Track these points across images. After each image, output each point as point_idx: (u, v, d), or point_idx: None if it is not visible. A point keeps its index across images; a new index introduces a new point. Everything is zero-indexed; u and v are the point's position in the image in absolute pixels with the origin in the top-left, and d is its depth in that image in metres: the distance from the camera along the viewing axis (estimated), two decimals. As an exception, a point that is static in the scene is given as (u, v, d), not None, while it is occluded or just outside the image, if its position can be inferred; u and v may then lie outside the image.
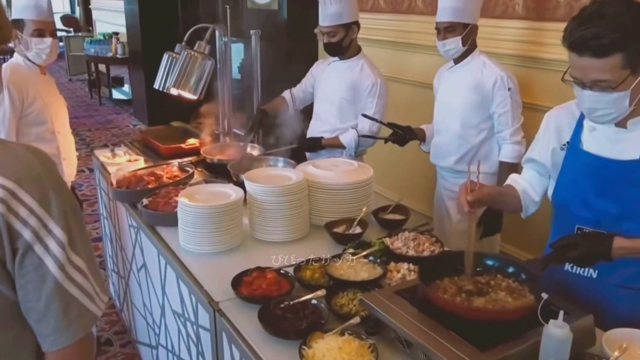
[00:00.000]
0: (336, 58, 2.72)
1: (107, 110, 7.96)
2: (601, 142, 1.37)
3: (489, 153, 2.43)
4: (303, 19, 3.85)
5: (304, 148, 2.69)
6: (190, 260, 1.74)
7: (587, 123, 1.42)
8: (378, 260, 1.57)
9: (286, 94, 2.87)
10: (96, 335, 2.77)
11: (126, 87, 8.86)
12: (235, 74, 3.63)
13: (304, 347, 1.24)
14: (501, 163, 2.38)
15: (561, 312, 1.08)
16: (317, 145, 2.66)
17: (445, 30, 2.32)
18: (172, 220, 1.91)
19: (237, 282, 1.54)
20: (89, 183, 5.01)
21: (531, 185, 1.57)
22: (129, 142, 2.96)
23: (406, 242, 1.65)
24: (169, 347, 2.02)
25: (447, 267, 1.33)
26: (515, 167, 2.22)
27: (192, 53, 2.56)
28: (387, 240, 1.69)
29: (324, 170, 1.97)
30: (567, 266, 1.46)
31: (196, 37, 2.66)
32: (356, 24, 2.65)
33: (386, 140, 2.51)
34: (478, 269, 1.32)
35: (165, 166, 2.42)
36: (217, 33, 2.78)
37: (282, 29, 3.77)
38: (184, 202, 1.77)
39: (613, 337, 1.21)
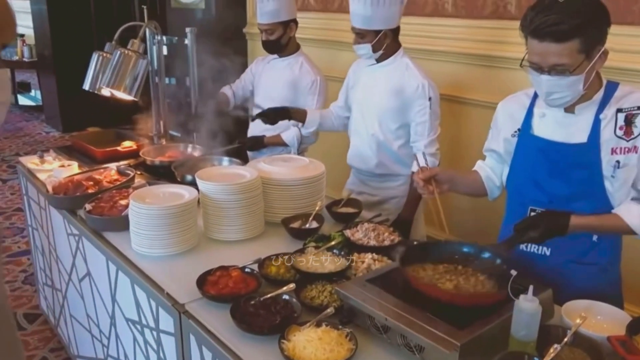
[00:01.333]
0: (275, 56, 2.73)
1: (15, 118, 7.46)
2: (551, 126, 1.47)
3: (410, 155, 2.29)
4: (232, 18, 3.82)
5: (246, 147, 2.67)
6: (146, 264, 1.69)
7: (537, 110, 1.52)
8: (342, 253, 1.59)
9: (226, 89, 2.84)
10: (26, 355, 2.60)
11: (33, 93, 8.36)
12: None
13: (282, 340, 1.24)
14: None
15: (531, 287, 1.15)
16: (259, 143, 2.65)
17: (357, 35, 2.21)
18: (121, 225, 1.84)
19: (201, 282, 1.51)
20: (1, 194, 4.69)
21: (493, 171, 1.70)
22: (56, 148, 2.81)
23: (367, 233, 1.69)
24: (121, 358, 1.94)
25: (421, 255, 1.38)
26: None
27: (126, 52, 2.47)
28: (348, 232, 1.71)
29: (276, 167, 1.96)
30: (522, 246, 1.55)
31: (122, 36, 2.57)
32: (294, 21, 2.67)
33: (254, 118, 2.52)
34: (455, 257, 1.38)
35: (102, 170, 2.32)
36: (147, 32, 2.70)
37: (211, 28, 3.71)
38: (136, 204, 1.71)
39: (571, 309, 1.30)
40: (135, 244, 1.74)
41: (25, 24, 7.22)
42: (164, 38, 2.69)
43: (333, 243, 1.64)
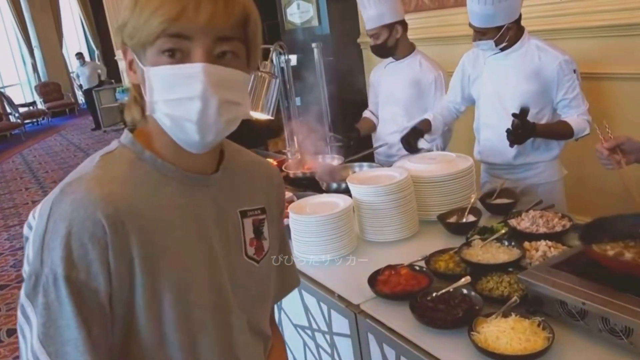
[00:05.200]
0: (391, 60, 2.73)
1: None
2: None
3: (548, 141, 2.24)
4: (347, 31, 3.90)
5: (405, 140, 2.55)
6: (311, 271, 1.74)
7: None
8: (511, 243, 1.54)
9: (367, 113, 2.89)
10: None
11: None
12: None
13: (472, 332, 1.22)
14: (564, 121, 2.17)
15: None
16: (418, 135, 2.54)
17: (477, 32, 2.15)
18: (280, 236, 1.92)
19: (372, 282, 1.53)
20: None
21: None
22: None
23: (534, 220, 1.62)
24: (292, 364, 2.01)
25: (605, 232, 1.30)
26: (571, 135, 2.14)
27: (259, 74, 2.59)
28: (512, 222, 1.66)
29: (424, 164, 1.96)
30: None
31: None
32: (400, 23, 2.65)
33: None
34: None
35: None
36: (274, 53, 2.82)
37: (327, 43, 3.81)
38: (296, 216, 1.78)
39: None
40: (298, 252, 1.80)
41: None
42: (290, 57, 2.79)
43: (500, 233, 1.59)
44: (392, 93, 2.75)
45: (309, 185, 2.38)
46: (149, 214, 0.83)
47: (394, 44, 2.67)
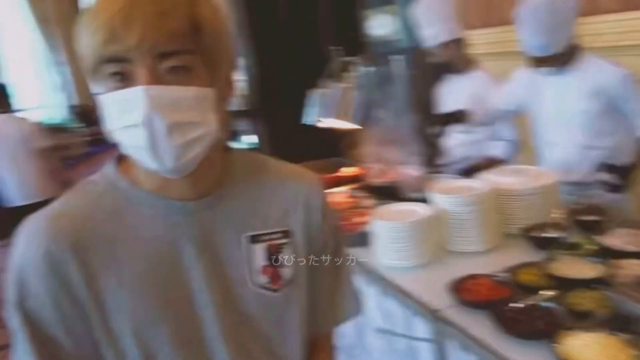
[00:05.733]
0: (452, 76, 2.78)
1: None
2: None
3: (623, 156, 2.16)
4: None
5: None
6: (393, 276, 1.79)
7: None
8: (599, 260, 1.53)
9: None
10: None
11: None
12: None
13: (554, 344, 1.23)
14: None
15: None
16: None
17: (535, 60, 2.15)
18: (360, 241, 1.99)
19: (453, 290, 1.56)
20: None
21: None
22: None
23: (624, 238, 1.61)
24: (369, 367, 2.06)
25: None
26: None
27: (343, 85, 2.69)
28: (600, 239, 1.65)
29: (508, 177, 1.97)
30: None
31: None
32: (460, 40, 2.68)
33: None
34: None
35: (332, 194, 2.53)
36: (357, 65, 2.90)
37: (408, 56, 3.85)
38: (381, 222, 1.85)
39: None
40: (382, 257, 1.87)
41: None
42: (371, 69, 2.87)
43: (586, 249, 1.59)
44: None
45: (389, 194, 2.43)
46: (102, 250, 0.81)
47: (455, 61, 2.71)
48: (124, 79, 0.73)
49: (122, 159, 0.87)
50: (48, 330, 0.80)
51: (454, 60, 2.72)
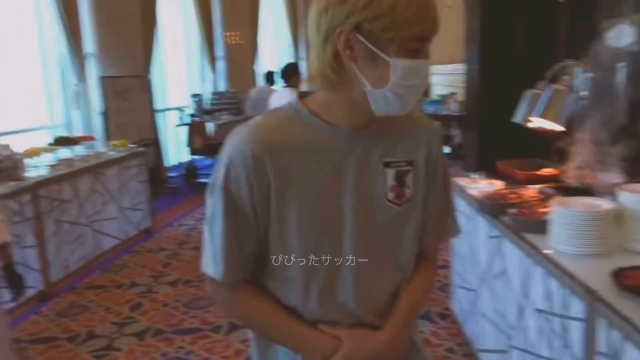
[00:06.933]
0: None
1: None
2: None
3: None
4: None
5: None
6: (562, 260, 1.87)
7: None
8: None
9: None
10: (436, 343, 3.06)
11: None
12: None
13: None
14: None
15: None
16: None
17: None
18: (540, 227, 2.09)
19: (617, 275, 1.61)
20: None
21: None
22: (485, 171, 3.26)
23: None
24: (525, 347, 2.15)
25: None
26: None
27: (556, 87, 2.74)
28: None
29: None
30: None
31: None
32: None
33: None
34: None
35: (524, 189, 2.62)
36: (575, 69, 2.91)
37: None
38: (560, 209, 1.95)
39: None
40: (556, 242, 1.95)
41: (455, 84, 8.34)
42: (590, 74, 2.85)
43: None
44: None
45: (584, 195, 2.44)
46: (288, 153, 1.10)
47: None
48: (415, 54, 1.05)
49: (302, 97, 1.17)
50: (240, 205, 1.12)
51: None
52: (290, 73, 5.69)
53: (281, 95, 5.38)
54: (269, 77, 8.11)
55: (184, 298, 4.05)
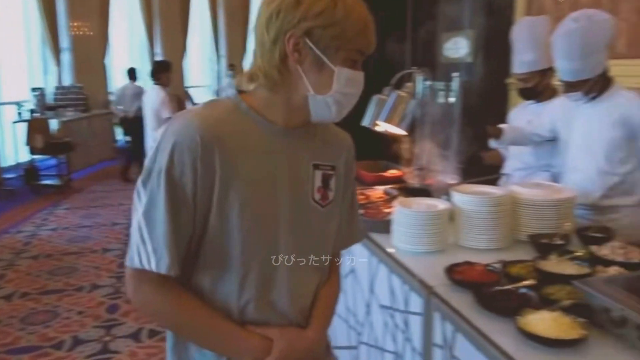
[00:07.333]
0: (532, 102, 2.87)
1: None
2: None
3: (635, 184, 2.33)
4: (495, 69, 4.08)
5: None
6: (403, 258, 1.99)
7: None
8: (586, 263, 1.66)
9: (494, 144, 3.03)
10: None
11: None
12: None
13: (517, 317, 1.39)
14: None
15: None
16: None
17: (567, 85, 2.32)
18: (384, 227, 2.19)
19: (449, 271, 1.74)
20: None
21: None
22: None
23: (614, 250, 1.72)
24: (372, 343, 2.25)
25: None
26: None
27: (400, 93, 2.91)
28: (593, 248, 1.77)
29: (528, 188, 2.12)
30: None
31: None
32: (551, 69, 2.77)
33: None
34: None
35: (371, 190, 2.75)
36: (418, 78, 3.11)
37: (476, 79, 4.03)
38: (402, 209, 2.05)
39: None
40: (398, 241, 2.06)
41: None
42: (434, 83, 3.07)
43: (577, 254, 1.72)
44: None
45: (424, 196, 2.61)
46: (233, 145, 1.12)
47: (542, 89, 2.81)
48: (354, 65, 1.13)
49: (241, 93, 1.19)
50: (181, 192, 1.09)
51: (539, 87, 2.81)
52: (160, 71, 5.77)
53: (156, 94, 5.66)
54: (131, 73, 7.91)
55: (20, 313, 3.69)
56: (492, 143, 2.73)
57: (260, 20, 1.12)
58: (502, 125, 2.73)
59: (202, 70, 14.49)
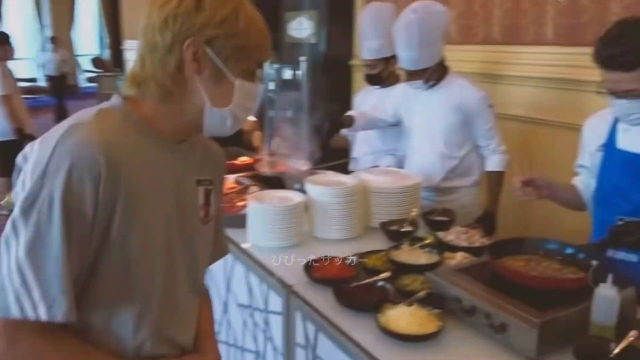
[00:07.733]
0: (377, 87, 2.95)
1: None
2: (635, 140, 1.56)
3: (471, 166, 2.52)
4: (339, 51, 4.14)
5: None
6: (260, 255, 1.93)
7: (620, 125, 1.62)
8: (434, 251, 1.74)
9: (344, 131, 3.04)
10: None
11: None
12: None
13: (377, 314, 1.41)
14: (490, 173, 2.49)
15: (610, 275, 1.25)
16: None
17: (408, 74, 2.45)
18: (239, 222, 2.11)
19: (308, 268, 1.72)
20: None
21: (585, 185, 1.81)
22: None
23: (458, 235, 1.83)
24: (231, 342, 2.18)
25: (508, 249, 1.52)
26: (502, 175, 2.45)
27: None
28: (440, 234, 1.87)
29: (377, 176, 2.17)
30: (610, 252, 1.62)
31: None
32: (394, 57, 2.86)
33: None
34: (540, 252, 1.50)
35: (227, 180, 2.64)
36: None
37: (320, 60, 4.05)
38: (255, 204, 1.98)
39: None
40: (253, 238, 2.00)
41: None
42: (280, 66, 3.03)
43: (426, 242, 1.80)
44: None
45: (277, 184, 2.57)
46: (134, 164, 0.99)
47: (387, 75, 2.89)
48: (253, 77, 1.06)
49: (127, 99, 1.06)
50: (81, 221, 0.93)
51: (384, 74, 2.87)
52: None
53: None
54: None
55: None
56: (344, 131, 2.75)
57: (151, 22, 1.00)
58: (352, 113, 2.76)
59: (23, 41, 13.00)
